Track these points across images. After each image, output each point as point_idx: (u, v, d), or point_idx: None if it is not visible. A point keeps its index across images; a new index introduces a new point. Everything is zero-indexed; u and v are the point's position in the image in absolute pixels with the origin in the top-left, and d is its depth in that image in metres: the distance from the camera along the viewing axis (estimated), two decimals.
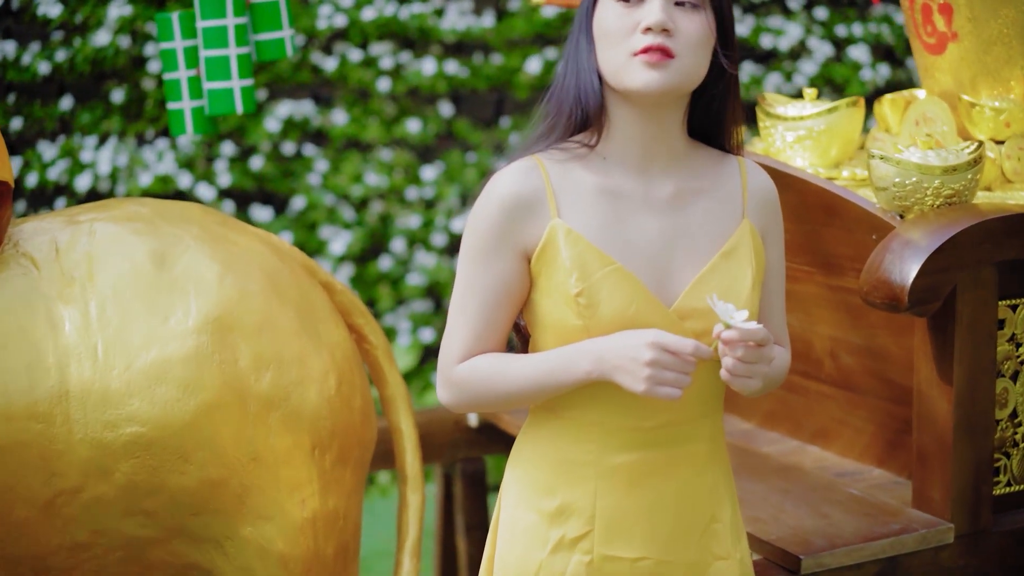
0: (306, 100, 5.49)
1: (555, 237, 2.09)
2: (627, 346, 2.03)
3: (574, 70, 2.14)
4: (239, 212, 5.45)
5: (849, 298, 2.84)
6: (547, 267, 2.11)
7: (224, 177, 5.40)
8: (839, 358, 2.96)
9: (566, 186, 2.12)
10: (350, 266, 5.44)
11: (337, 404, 2.60)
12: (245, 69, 2.93)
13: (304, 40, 5.43)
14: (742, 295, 2.13)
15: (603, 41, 2.10)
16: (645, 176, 2.15)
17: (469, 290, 2.14)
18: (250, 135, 5.43)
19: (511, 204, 2.10)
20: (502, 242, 2.11)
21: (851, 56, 5.75)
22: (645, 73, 2.07)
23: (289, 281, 2.65)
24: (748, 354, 2.01)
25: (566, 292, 2.08)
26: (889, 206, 2.69)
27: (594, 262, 2.08)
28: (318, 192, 5.43)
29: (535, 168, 2.11)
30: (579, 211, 2.11)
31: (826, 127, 3.05)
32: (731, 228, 2.17)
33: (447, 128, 5.58)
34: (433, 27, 5.48)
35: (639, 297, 2.08)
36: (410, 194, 5.50)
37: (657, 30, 2.06)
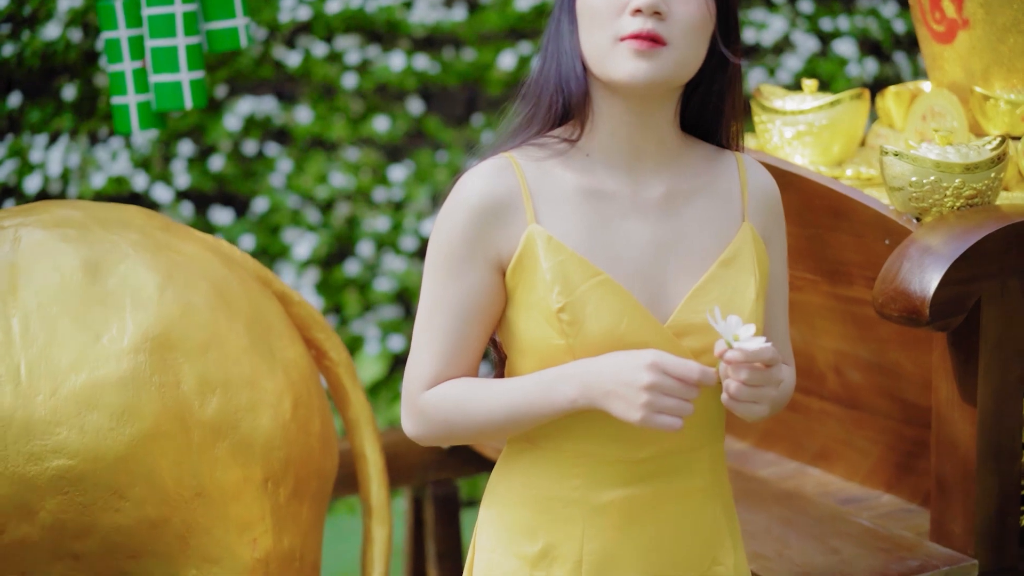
0: (268, 97, 5.40)
1: (533, 245, 1.91)
2: (621, 368, 1.84)
3: (555, 55, 1.96)
4: (198, 214, 5.35)
5: (857, 309, 2.64)
6: (524, 280, 1.92)
7: (182, 178, 5.30)
8: (844, 374, 2.76)
9: (544, 187, 1.93)
10: (315, 271, 5.34)
11: (293, 431, 2.38)
12: (195, 60, 2.76)
13: (266, 34, 5.33)
14: (745, 308, 1.95)
15: (587, 22, 1.92)
16: (633, 175, 1.97)
17: (436, 307, 1.96)
18: (209, 134, 5.32)
19: (482, 209, 1.91)
20: (472, 252, 1.93)
21: (837, 51, 5.67)
22: (631, 62, 1.88)
23: (239, 293, 2.43)
24: (754, 376, 1.83)
25: (546, 308, 1.90)
26: (904, 208, 2.48)
27: (578, 273, 1.90)
28: (281, 193, 5.35)
29: (508, 167, 1.93)
30: (560, 215, 1.93)
31: (828, 122, 2.87)
32: (730, 232, 1.99)
33: (416, 126, 5.50)
34: (401, 20, 5.40)
35: (630, 312, 1.90)
36: (378, 195, 5.40)
37: (648, 13, 1.87)
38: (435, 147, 5.51)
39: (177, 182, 5.30)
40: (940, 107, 2.89)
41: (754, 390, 1.84)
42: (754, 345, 1.80)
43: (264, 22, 5.32)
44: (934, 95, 2.90)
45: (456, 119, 5.55)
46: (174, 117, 5.25)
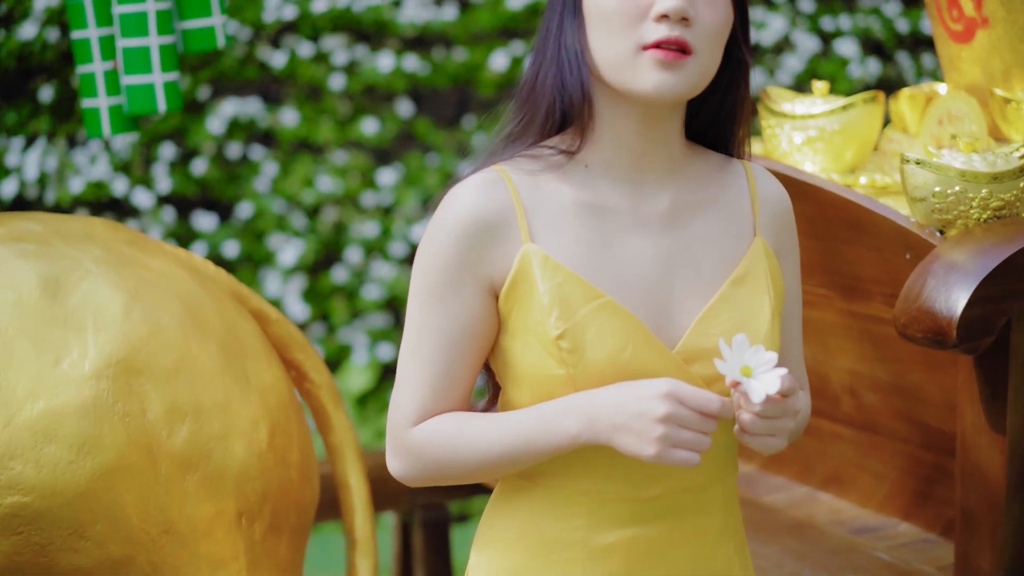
0: (253, 98, 5.35)
1: (528, 266, 1.77)
2: (632, 399, 1.72)
3: (554, 56, 1.82)
4: (180, 220, 5.30)
5: (875, 327, 2.51)
6: (519, 304, 1.79)
7: (163, 182, 5.25)
8: (860, 395, 2.63)
9: (539, 202, 1.80)
10: (301, 278, 5.30)
11: (269, 461, 2.24)
12: (169, 61, 2.65)
13: (251, 33, 5.29)
14: (760, 330, 1.81)
15: (602, 26, 1.78)
16: (636, 187, 1.83)
17: (423, 335, 1.82)
18: (192, 136, 5.28)
19: (471, 227, 1.78)
20: (462, 275, 1.79)
21: (838, 51, 5.61)
22: (657, 74, 1.75)
23: (212, 312, 2.29)
24: (770, 407, 1.70)
25: (544, 334, 1.76)
26: (927, 220, 2.34)
27: (578, 296, 1.76)
28: (266, 198, 5.30)
29: (499, 181, 1.79)
30: (557, 233, 1.79)
31: (840, 127, 2.73)
32: (741, 248, 1.86)
33: (406, 128, 5.46)
34: (390, 20, 5.35)
35: (635, 337, 1.76)
36: (366, 200, 5.35)
37: (675, 19, 1.74)
38: (425, 150, 5.47)
39: (158, 187, 5.25)
40: (958, 110, 2.75)
41: (770, 422, 1.72)
42: (772, 374, 1.67)
43: (248, 21, 5.28)
44: (951, 98, 2.77)
45: (447, 121, 5.52)
46: (155, 119, 5.21)
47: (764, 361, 1.67)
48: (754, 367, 1.67)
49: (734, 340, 1.68)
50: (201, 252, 5.17)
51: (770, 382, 1.67)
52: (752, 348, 1.68)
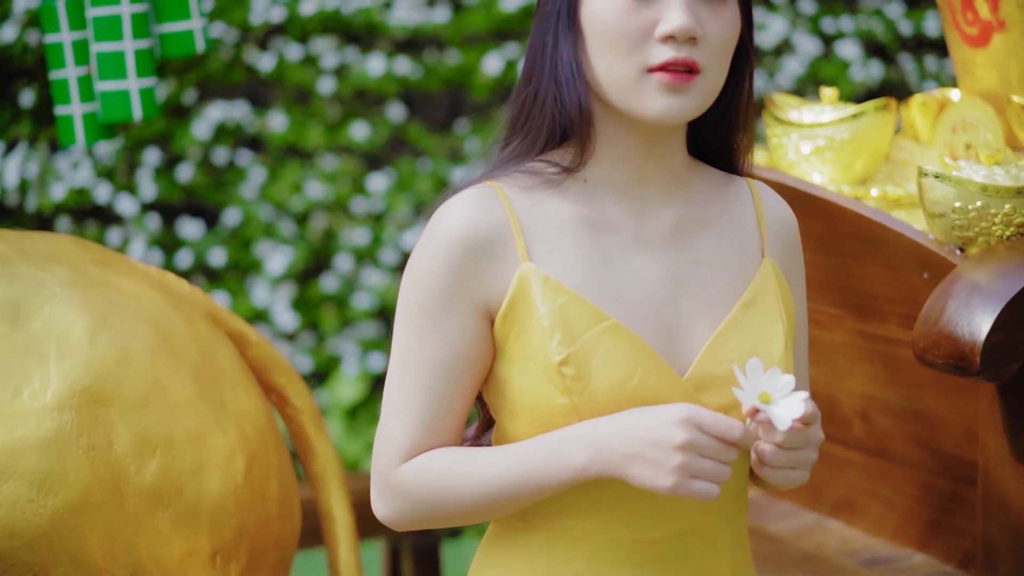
0: (240, 102, 5.28)
1: (527, 287, 1.68)
2: (646, 426, 1.62)
3: (551, 72, 1.73)
4: (165, 227, 5.23)
5: (888, 348, 2.40)
6: (518, 328, 1.69)
7: (148, 189, 5.18)
8: (872, 420, 2.52)
9: (537, 218, 1.71)
10: (290, 286, 5.23)
11: (246, 495, 2.12)
12: (145, 66, 2.57)
13: (237, 36, 5.22)
14: (773, 356, 1.73)
15: (602, 45, 1.69)
16: (639, 203, 1.75)
17: (412, 363, 1.71)
18: (177, 141, 5.21)
19: (463, 246, 1.68)
20: (453, 298, 1.69)
21: (839, 53, 5.53)
22: (664, 98, 1.67)
23: (186, 336, 2.17)
24: (793, 437, 1.62)
25: (545, 360, 1.67)
26: (946, 237, 2.24)
27: (582, 318, 1.67)
28: (254, 205, 5.24)
29: (493, 196, 1.70)
30: (556, 251, 1.70)
31: (851, 136, 2.62)
32: (749, 269, 1.78)
33: (397, 133, 5.39)
34: (380, 22, 5.29)
35: (644, 363, 1.67)
36: (356, 206, 5.29)
37: (682, 39, 1.66)
38: (417, 155, 5.41)
39: (143, 193, 5.18)
40: (972, 118, 2.65)
41: (792, 454, 1.63)
42: (792, 401, 1.59)
43: (235, 23, 5.22)
44: (965, 105, 2.67)
45: (439, 125, 5.46)
46: (139, 124, 5.15)
47: (782, 385, 1.59)
48: (772, 392, 1.59)
49: (748, 365, 1.59)
50: (187, 260, 5.12)
51: (792, 407, 1.59)
52: (768, 373, 1.59)
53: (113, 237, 5.09)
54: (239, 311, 5.12)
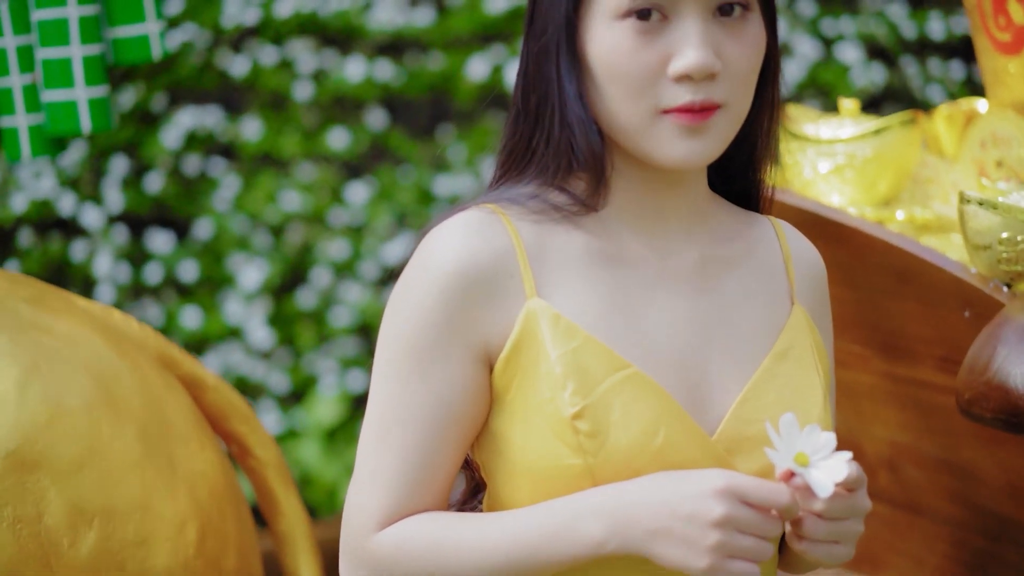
0: (212, 108, 5.15)
1: (534, 327, 1.49)
2: (677, 497, 1.44)
3: (559, 114, 1.54)
4: (133, 240, 5.07)
5: (921, 393, 2.22)
6: (522, 375, 1.50)
7: (115, 199, 5.03)
8: (901, 470, 2.34)
9: (546, 248, 1.53)
10: (266, 301, 5.09)
11: (199, 569, 1.96)
12: (95, 74, 2.43)
13: (210, 38, 5.10)
14: (812, 412, 1.56)
15: (609, 85, 1.51)
16: (660, 237, 1.57)
17: (395, 415, 1.52)
18: (145, 150, 5.07)
19: (461, 278, 1.50)
20: (447, 339, 1.50)
21: (840, 56, 5.40)
22: (682, 142, 1.50)
23: (131, 386, 2.00)
24: (836, 506, 1.45)
25: (555, 414, 1.48)
26: (991, 272, 2.05)
27: (600, 365, 1.49)
28: (227, 216, 5.10)
29: (496, 221, 1.52)
30: (568, 286, 1.52)
31: (874, 153, 2.44)
32: (779, 317, 1.61)
33: (378, 140, 5.27)
34: (360, 25, 5.19)
35: (669, 419, 1.49)
36: (335, 217, 5.15)
37: (700, 78, 1.48)
38: (398, 163, 5.27)
39: (109, 204, 5.02)
40: (1004, 132, 2.49)
41: (836, 525, 1.46)
42: (835, 465, 1.43)
43: (207, 25, 5.08)
44: (995, 117, 2.51)
45: (422, 131, 5.33)
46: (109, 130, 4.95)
47: (822, 445, 1.43)
48: (811, 453, 1.43)
49: (782, 421, 1.43)
50: (156, 275, 4.98)
51: (835, 470, 1.43)
52: (805, 431, 1.43)
53: (78, 251, 4.95)
54: (211, 328, 5.00)
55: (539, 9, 1.54)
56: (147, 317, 4.90)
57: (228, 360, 4.98)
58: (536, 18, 1.54)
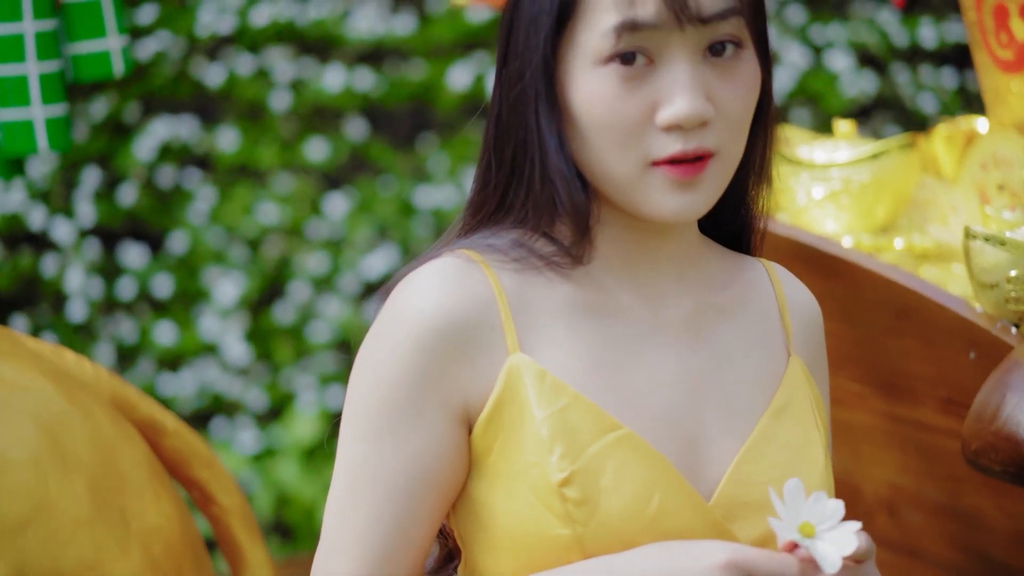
0: (187, 118, 5.11)
1: (518, 385, 1.39)
2: (677, 572, 1.36)
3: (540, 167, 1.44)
4: (106, 254, 5.01)
5: (923, 435, 2.13)
6: (505, 437, 1.40)
7: (87, 212, 4.96)
8: (900, 514, 2.25)
9: (529, 299, 1.43)
10: (242, 317, 5.04)
11: None
12: (53, 92, 2.37)
13: (184, 47, 5.06)
14: (814, 474, 1.46)
15: (593, 136, 1.41)
16: (650, 287, 1.48)
17: (364, 481, 1.41)
18: (118, 161, 5.02)
19: (438, 330, 1.39)
20: (422, 397, 1.40)
21: (829, 64, 5.37)
22: (674, 196, 1.40)
23: (82, 435, 1.87)
24: None
25: (541, 479, 1.38)
26: (998, 311, 1.95)
27: (589, 426, 1.39)
28: (202, 229, 5.05)
29: (475, 270, 1.42)
30: (554, 341, 1.42)
31: (871, 179, 2.35)
32: (776, 369, 1.51)
33: (357, 151, 5.22)
34: (339, 34, 5.16)
35: (664, 484, 1.40)
36: (313, 230, 5.10)
37: (691, 126, 1.38)
38: (379, 174, 5.22)
39: (81, 217, 4.96)
40: (1005, 154, 2.40)
41: None
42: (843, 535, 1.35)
43: (181, 33, 5.05)
44: (997, 138, 2.43)
45: (403, 141, 5.29)
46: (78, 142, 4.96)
47: (829, 514, 1.35)
48: (817, 523, 1.35)
49: (786, 488, 1.35)
50: (130, 290, 4.92)
51: (843, 541, 1.35)
52: (811, 498, 1.35)
53: (48, 266, 4.89)
54: (186, 344, 4.94)
55: (513, 50, 1.43)
56: (120, 333, 4.89)
57: (204, 377, 4.96)
58: (510, 60, 1.43)
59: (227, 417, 4.96)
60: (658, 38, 1.36)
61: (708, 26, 1.37)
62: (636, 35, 1.36)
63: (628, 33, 1.36)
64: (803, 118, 5.30)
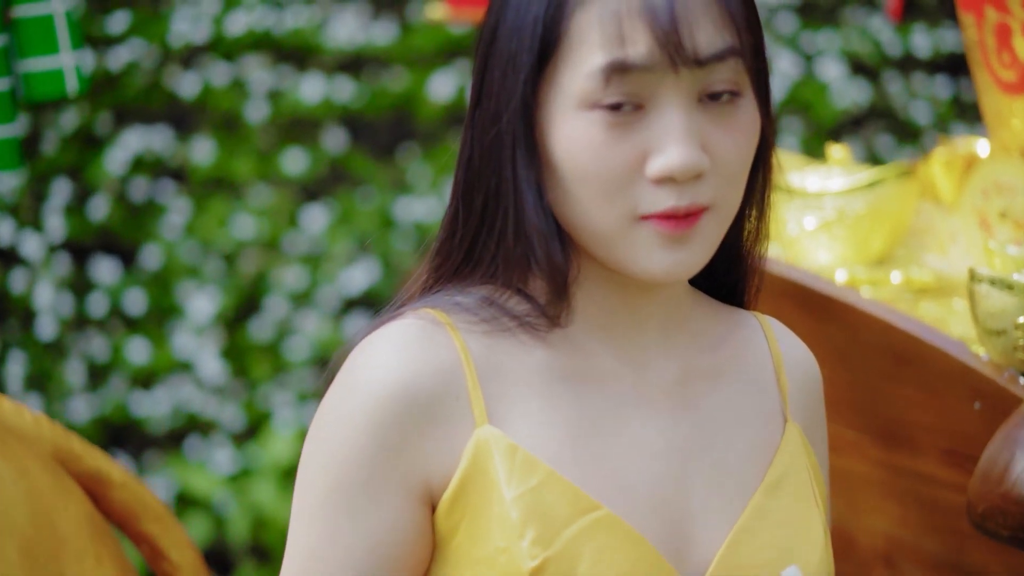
0: (160, 129, 5.06)
1: (486, 461, 1.29)
2: None
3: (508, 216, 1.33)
4: (76, 269, 4.95)
5: (923, 487, 2.03)
6: (471, 519, 1.30)
7: (56, 226, 4.91)
8: (898, 567, 2.14)
9: (500, 365, 1.32)
10: (217, 333, 4.99)
11: None
12: (3, 111, 2.33)
13: (158, 55, 5.02)
14: (813, 556, 1.37)
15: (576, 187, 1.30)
16: (634, 350, 1.37)
17: (320, 564, 1.31)
18: (89, 173, 4.96)
19: (398, 402, 1.29)
20: (381, 475, 1.30)
21: (821, 74, 5.33)
22: (664, 255, 1.29)
23: (16, 495, 1.74)
24: None
25: (511, 566, 1.28)
26: (1006, 360, 1.84)
27: (564, 506, 1.29)
28: (176, 243, 5.01)
29: (440, 332, 1.31)
30: (526, 411, 1.32)
31: (868, 209, 2.25)
32: (771, 437, 1.41)
33: (336, 162, 5.19)
34: (317, 44, 5.13)
35: (647, 569, 1.30)
36: (291, 244, 5.06)
37: (684, 179, 1.27)
38: (358, 185, 5.18)
39: (50, 231, 4.91)
40: (1008, 180, 2.33)
41: None
42: None
43: (155, 41, 5.00)
44: (998, 163, 2.35)
45: (383, 152, 5.24)
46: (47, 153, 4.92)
47: None
48: None
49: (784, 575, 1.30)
50: (101, 306, 4.86)
51: None
52: None
53: (17, 281, 4.82)
54: (160, 362, 4.89)
55: (488, 90, 1.31)
56: (91, 351, 4.85)
57: (178, 395, 4.93)
58: (484, 100, 1.31)
59: (202, 436, 4.94)
60: (650, 81, 1.25)
61: (704, 68, 1.26)
62: (626, 78, 1.24)
63: (617, 75, 1.24)
64: (794, 127, 5.27)
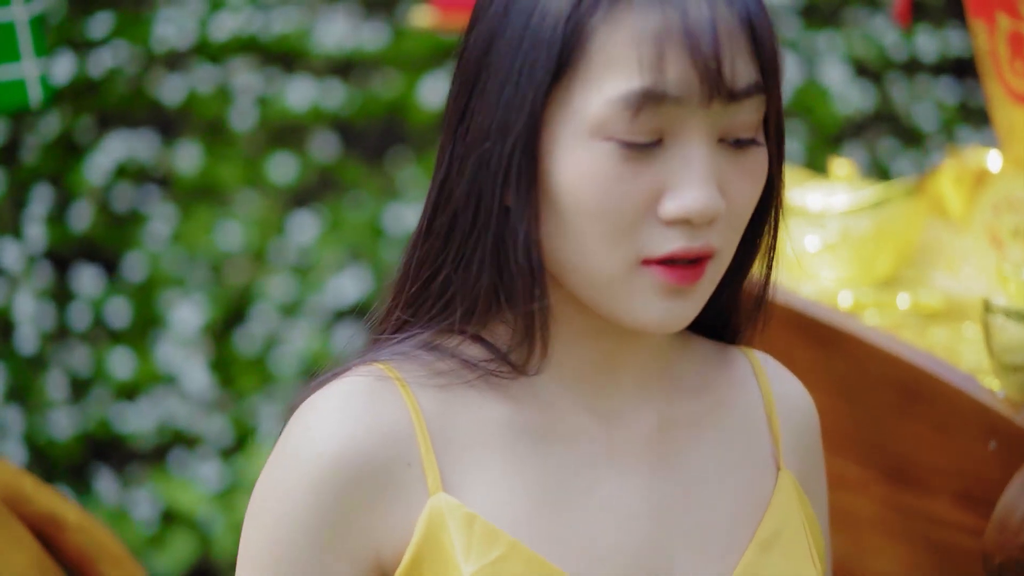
0: (144, 135, 5.00)
1: (440, 534, 1.18)
2: None
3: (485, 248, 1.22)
4: (58, 279, 4.89)
5: (935, 529, 1.91)
6: None
7: (37, 235, 4.85)
8: None
9: (455, 424, 1.22)
10: (204, 344, 4.94)
11: None
12: None
13: (142, 59, 4.96)
14: None
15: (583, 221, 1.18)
16: (608, 400, 1.25)
17: None
18: (71, 181, 4.90)
19: (342, 471, 1.19)
20: (325, 550, 1.20)
21: (824, 78, 5.30)
22: (662, 305, 1.18)
23: None
24: None
25: None
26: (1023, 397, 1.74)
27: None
28: (161, 253, 4.96)
29: (388, 390, 1.21)
30: (486, 475, 1.21)
31: (875, 229, 2.15)
32: (763, 490, 1.30)
33: (325, 168, 5.15)
34: (306, 47, 5.09)
35: None
36: (279, 253, 5.02)
37: (701, 223, 1.17)
38: (348, 192, 5.14)
39: (30, 240, 4.83)
40: (1021, 196, 2.25)
41: None
42: None
43: (138, 45, 4.95)
44: (1010, 178, 2.26)
45: (374, 158, 5.20)
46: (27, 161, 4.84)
47: None
48: None
49: None
50: (83, 317, 4.79)
51: None
52: None
53: None
54: (144, 374, 4.82)
55: (483, 101, 1.19)
56: (73, 364, 4.81)
57: (163, 409, 4.90)
58: (476, 112, 1.19)
59: (188, 451, 4.90)
60: (679, 114, 1.14)
61: (732, 104, 1.15)
62: (658, 109, 1.13)
63: (651, 105, 1.13)
64: (797, 133, 5.23)
